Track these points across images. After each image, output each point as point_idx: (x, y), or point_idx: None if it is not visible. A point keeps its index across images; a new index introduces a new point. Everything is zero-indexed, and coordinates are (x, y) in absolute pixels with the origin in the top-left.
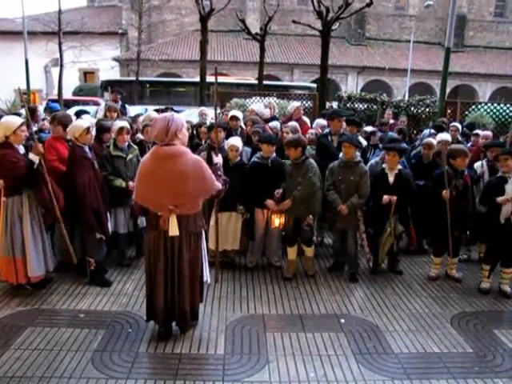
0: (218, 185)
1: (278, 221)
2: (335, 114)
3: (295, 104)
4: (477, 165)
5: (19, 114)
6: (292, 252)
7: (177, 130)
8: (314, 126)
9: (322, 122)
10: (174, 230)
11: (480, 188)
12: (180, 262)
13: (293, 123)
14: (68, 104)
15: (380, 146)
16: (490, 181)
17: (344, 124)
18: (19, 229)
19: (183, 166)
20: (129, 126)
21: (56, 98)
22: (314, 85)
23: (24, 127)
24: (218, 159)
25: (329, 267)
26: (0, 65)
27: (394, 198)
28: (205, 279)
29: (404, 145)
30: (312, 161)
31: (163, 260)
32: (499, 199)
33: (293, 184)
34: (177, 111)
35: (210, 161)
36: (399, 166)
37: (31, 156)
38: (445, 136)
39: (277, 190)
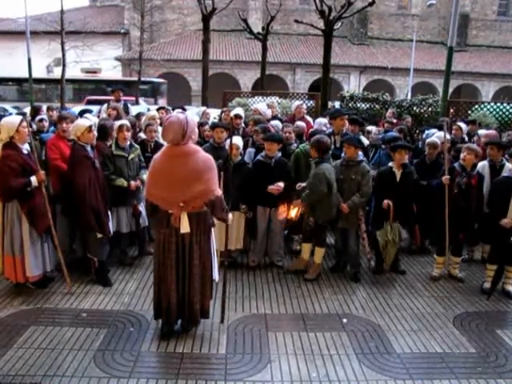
0: (219, 191)
1: (294, 212)
2: (338, 112)
3: (297, 103)
4: (479, 165)
5: (24, 114)
6: (320, 253)
7: (191, 131)
8: (314, 125)
9: (323, 120)
10: (185, 227)
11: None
12: (191, 259)
13: (300, 123)
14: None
15: (382, 146)
16: (496, 181)
17: (346, 123)
18: (18, 228)
19: (195, 164)
20: (129, 124)
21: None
22: (161, 80)
23: (25, 124)
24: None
25: (331, 267)
26: (3, 64)
27: (391, 205)
28: (214, 277)
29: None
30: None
31: (175, 257)
32: (503, 222)
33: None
34: (184, 109)
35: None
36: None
37: (33, 179)
38: (443, 134)
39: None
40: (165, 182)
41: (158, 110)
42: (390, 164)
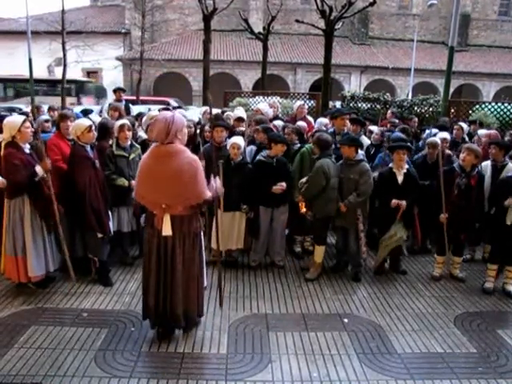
0: (208, 194)
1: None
2: (338, 112)
3: (298, 103)
4: (482, 165)
5: (26, 114)
6: (319, 252)
7: (177, 130)
8: (315, 125)
9: (324, 120)
10: (166, 229)
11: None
12: (173, 263)
13: (302, 123)
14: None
15: (384, 145)
16: (500, 180)
17: (347, 123)
18: (20, 229)
19: (178, 165)
20: (129, 123)
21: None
22: (85, 79)
23: (28, 124)
24: (216, 182)
25: (331, 267)
26: (4, 64)
27: (404, 203)
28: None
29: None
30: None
31: (156, 259)
32: (507, 202)
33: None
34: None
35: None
36: (406, 166)
37: (37, 169)
38: (444, 134)
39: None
40: (149, 182)
41: (160, 110)
42: (391, 165)
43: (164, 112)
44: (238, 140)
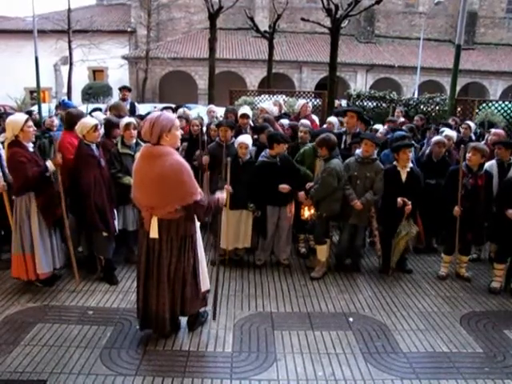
0: (197, 195)
1: (307, 213)
2: (349, 109)
3: (302, 101)
4: (488, 164)
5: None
6: (321, 251)
7: (162, 131)
8: (326, 124)
9: (334, 120)
10: (153, 232)
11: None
12: (159, 267)
13: (305, 121)
14: None
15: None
16: (506, 181)
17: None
18: (27, 226)
19: (160, 169)
20: (135, 122)
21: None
22: None
23: (30, 123)
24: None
25: (335, 264)
26: (11, 63)
27: (409, 204)
28: (204, 289)
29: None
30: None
31: (144, 260)
32: (509, 212)
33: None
34: (189, 108)
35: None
36: (410, 165)
37: (49, 164)
38: (450, 133)
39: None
40: (137, 183)
41: (162, 109)
42: (395, 163)
43: (155, 112)
44: (246, 139)
